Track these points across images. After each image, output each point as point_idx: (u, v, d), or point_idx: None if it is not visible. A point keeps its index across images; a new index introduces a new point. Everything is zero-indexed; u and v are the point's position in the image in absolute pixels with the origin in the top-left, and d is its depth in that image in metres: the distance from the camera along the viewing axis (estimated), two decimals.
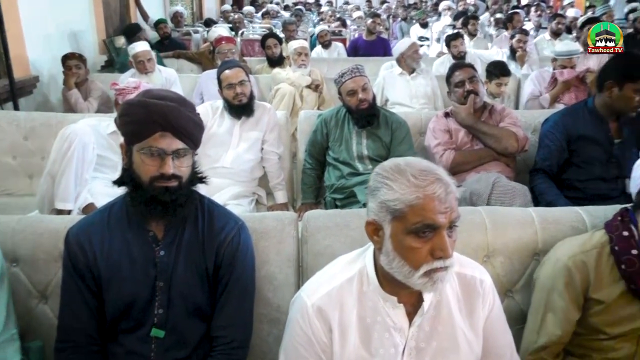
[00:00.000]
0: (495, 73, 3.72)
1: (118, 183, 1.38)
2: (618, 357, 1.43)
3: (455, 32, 5.17)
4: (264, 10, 9.84)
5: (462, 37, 4.82)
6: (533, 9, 7.76)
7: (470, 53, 4.89)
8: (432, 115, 2.82)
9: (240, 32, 6.67)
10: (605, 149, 2.36)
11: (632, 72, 2.24)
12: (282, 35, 5.46)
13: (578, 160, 2.41)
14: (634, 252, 1.36)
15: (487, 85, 3.70)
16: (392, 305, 1.17)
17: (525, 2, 10.94)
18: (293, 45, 4.10)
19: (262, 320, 1.61)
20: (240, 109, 2.70)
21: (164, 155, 1.30)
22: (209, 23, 7.73)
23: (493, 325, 1.25)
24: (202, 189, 1.48)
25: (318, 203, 2.82)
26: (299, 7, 11.90)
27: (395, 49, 4.03)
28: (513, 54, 4.95)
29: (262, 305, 1.60)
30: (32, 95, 4.12)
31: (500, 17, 7.43)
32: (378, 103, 3.04)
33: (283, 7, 12.56)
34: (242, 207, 2.56)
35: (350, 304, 1.18)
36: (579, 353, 1.50)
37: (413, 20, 8.87)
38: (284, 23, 6.19)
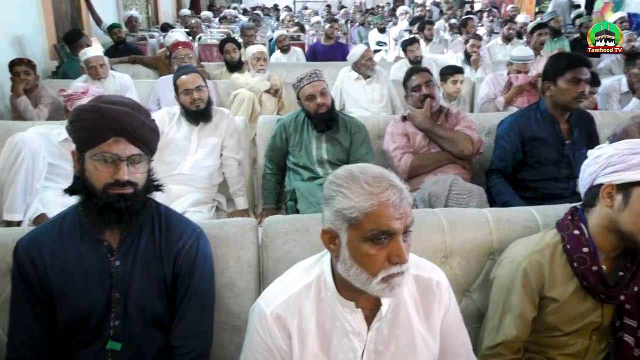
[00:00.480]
0: (449, 72, 3.80)
1: (70, 192, 1.33)
2: (572, 352, 1.48)
3: (412, 37, 5.25)
4: (222, 15, 9.76)
5: (418, 42, 4.90)
6: (486, 15, 8.00)
7: (427, 58, 4.97)
8: (390, 120, 2.85)
9: (198, 37, 6.59)
10: (557, 150, 2.44)
11: (559, 67, 2.40)
12: (240, 41, 5.42)
13: (532, 161, 2.48)
14: (585, 250, 1.40)
15: (443, 88, 3.77)
16: (350, 311, 1.17)
17: (479, 8, 11.28)
18: (251, 51, 4.08)
19: (223, 329, 1.59)
20: (198, 115, 2.66)
21: (119, 162, 1.27)
22: (166, 28, 7.60)
23: (450, 326, 1.27)
24: (160, 197, 1.45)
25: (279, 209, 2.81)
26: (257, 12, 11.86)
27: (350, 56, 4.06)
28: (468, 59, 5.07)
29: (222, 314, 1.57)
30: None
31: (455, 22, 7.62)
32: (337, 107, 3.05)
33: (242, 12, 12.48)
34: (202, 214, 2.53)
35: (309, 311, 1.17)
36: (535, 350, 1.53)
37: (371, 26, 8.98)
38: (243, 28, 6.14)
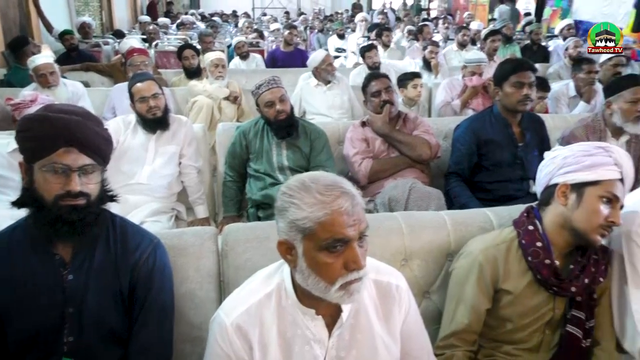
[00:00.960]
0: (408, 77, 3.86)
1: (18, 204, 1.28)
2: (526, 347, 1.54)
3: (369, 43, 5.31)
4: (180, 21, 9.63)
5: (375, 48, 4.95)
6: (441, 22, 8.20)
7: (385, 63, 5.02)
8: (349, 125, 2.87)
9: (155, 43, 6.48)
10: (511, 152, 2.52)
11: (504, 71, 2.52)
12: (199, 47, 5.36)
13: (487, 164, 2.55)
14: (539, 244, 1.49)
15: (404, 93, 3.83)
16: (310, 318, 1.17)
17: (434, 15, 11.54)
18: (210, 57, 4.04)
19: (183, 340, 1.56)
20: (155, 123, 2.61)
21: (69, 172, 1.23)
22: (119, 34, 7.44)
23: (410, 329, 1.28)
24: (117, 207, 1.42)
25: (241, 216, 2.78)
26: (215, 18, 11.76)
27: (310, 62, 4.07)
28: (426, 64, 5.18)
29: (182, 325, 1.54)
30: None
31: (412, 29, 7.77)
32: (296, 114, 3.05)
33: (199, 18, 12.34)
34: (160, 223, 2.48)
35: (270, 320, 1.17)
36: (491, 346, 1.58)
37: (330, 32, 9.05)
38: (201, 34, 6.08)
